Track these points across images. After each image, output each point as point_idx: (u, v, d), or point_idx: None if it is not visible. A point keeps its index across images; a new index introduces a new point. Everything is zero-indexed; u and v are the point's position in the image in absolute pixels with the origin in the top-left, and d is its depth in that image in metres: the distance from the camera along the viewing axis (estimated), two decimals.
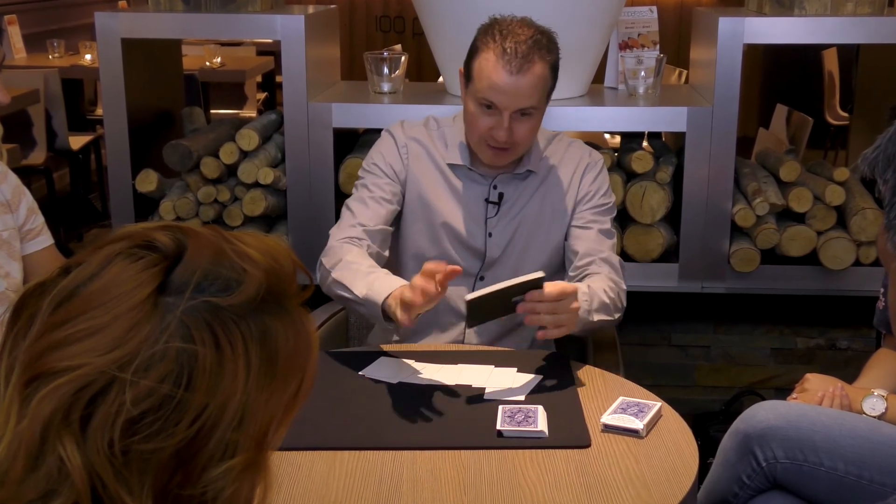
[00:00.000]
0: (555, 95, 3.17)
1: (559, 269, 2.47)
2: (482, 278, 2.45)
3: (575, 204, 2.45)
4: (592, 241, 2.40)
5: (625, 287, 2.37)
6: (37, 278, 0.91)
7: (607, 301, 2.26)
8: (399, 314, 2.02)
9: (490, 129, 2.30)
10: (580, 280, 2.32)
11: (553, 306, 2.04)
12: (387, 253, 2.40)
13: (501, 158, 2.36)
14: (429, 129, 2.51)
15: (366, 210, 2.39)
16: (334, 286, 2.25)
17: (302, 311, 0.94)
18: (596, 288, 2.26)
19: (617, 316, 2.31)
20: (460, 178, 2.44)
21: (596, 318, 2.22)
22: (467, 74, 2.33)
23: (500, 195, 2.43)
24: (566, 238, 2.45)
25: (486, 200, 2.43)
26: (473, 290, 2.35)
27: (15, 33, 6.41)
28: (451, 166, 2.44)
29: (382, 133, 2.54)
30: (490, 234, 2.43)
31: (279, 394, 0.91)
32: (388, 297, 2.09)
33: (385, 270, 2.23)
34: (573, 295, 2.07)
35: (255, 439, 0.89)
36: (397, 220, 2.47)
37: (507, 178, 2.43)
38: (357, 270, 2.22)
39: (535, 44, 2.27)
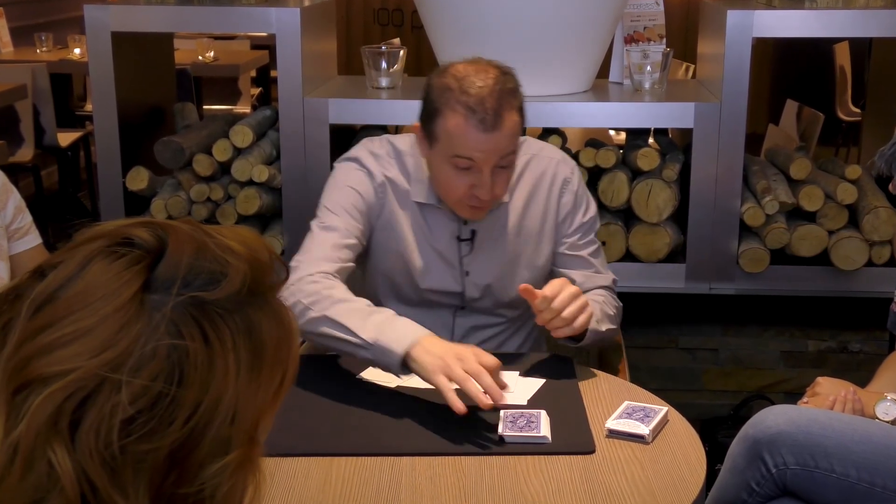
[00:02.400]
0: (558, 91, 3.17)
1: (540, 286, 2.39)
2: (462, 308, 2.36)
3: (556, 224, 2.34)
4: (586, 267, 2.36)
5: (621, 306, 2.39)
6: (9, 283, 0.89)
7: (610, 313, 2.28)
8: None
9: (470, 188, 2.14)
10: None
11: (557, 306, 2.02)
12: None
13: (483, 213, 2.25)
14: (391, 159, 2.31)
15: (341, 253, 2.21)
16: (321, 324, 2.05)
17: (280, 302, 0.95)
18: (599, 301, 2.27)
19: (616, 328, 2.33)
20: (428, 217, 2.29)
21: (604, 327, 2.21)
22: (428, 134, 2.15)
23: (473, 232, 2.29)
24: (555, 264, 2.37)
25: (458, 238, 2.30)
26: (454, 319, 2.36)
27: (1, 26, 6.36)
28: (419, 205, 2.29)
29: (349, 165, 2.32)
30: (467, 273, 2.31)
31: (266, 386, 0.92)
32: (412, 347, 1.93)
33: (389, 311, 2.07)
34: (567, 285, 2.06)
35: (248, 434, 0.90)
36: (366, 242, 2.34)
37: None
38: (354, 308, 2.05)
39: (502, 92, 2.10)
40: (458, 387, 1.85)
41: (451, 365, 1.86)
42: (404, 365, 1.93)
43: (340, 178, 2.31)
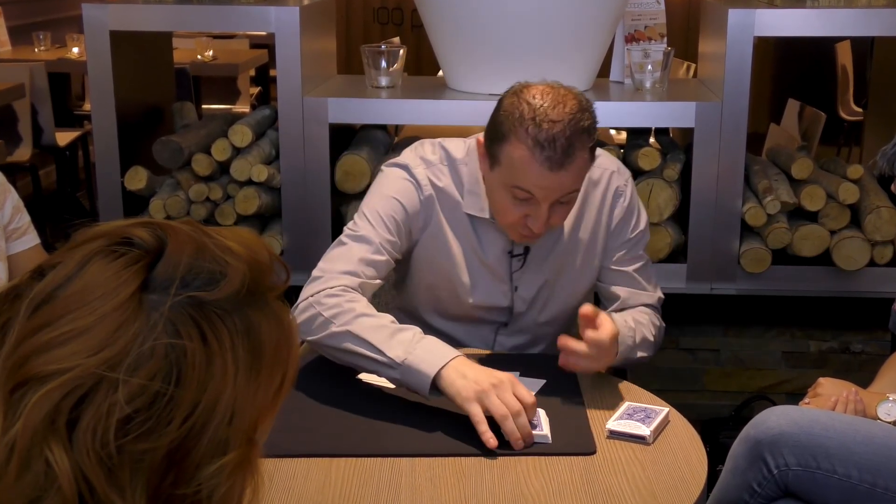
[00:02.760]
0: None
1: (587, 299, 2.32)
2: (505, 324, 2.30)
3: (607, 237, 2.26)
4: (631, 283, 2.28)
5: (663, 326, 2.31)
6: (9, 283, 0.89)
7: (650, 339, 2.21)
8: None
9: (524, 218, 2.04)
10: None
11: (592, 352, 1.98)
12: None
13: (534, 241, 2.15)
14: (444, 166, 2.20)
15: (367, 269, 2.10)
16: (343, 339, 1.97)
17: (280, 304, 0.95)
18: (642, 323, 2.20)
19: (651, 354, 2.25)
20: (479, 230, 2.19)
21: (639, 353, 2.16)
22: (491, 156, 2.04)
23: (527, 248, 2.20)
24: (599, 279, 2.29)
25: (510, 254, 2.21)
26: (496, 337, 2.29)
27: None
28: (470, 217, 2.19)
29: (396, 173, 2.20)
30: (516, 289, 2.23)
31: (265, 387, 0.92)
32: (444, 368, 1.86)
33: (416, 328, 1.97)
34: (614, 344, 2.01)
35: (246, 435, 0.90)
36: (407, 254, 2.24)
37: None
38: (380, 324, 1.96)
39: (576, 131, 1.96)
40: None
41: (487, 393, 1.80)
42: (434, 387, 1.87)
43: (385, 186, 2.19)
